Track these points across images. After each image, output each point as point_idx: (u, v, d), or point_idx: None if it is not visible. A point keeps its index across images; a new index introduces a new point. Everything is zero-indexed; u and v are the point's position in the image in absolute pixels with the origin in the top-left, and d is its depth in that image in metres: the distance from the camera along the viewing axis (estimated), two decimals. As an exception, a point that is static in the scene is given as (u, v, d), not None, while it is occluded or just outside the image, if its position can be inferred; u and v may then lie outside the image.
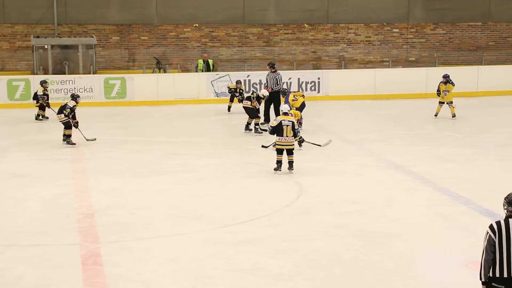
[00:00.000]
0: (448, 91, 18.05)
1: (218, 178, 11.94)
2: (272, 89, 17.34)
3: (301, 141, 12.13)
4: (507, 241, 5.41)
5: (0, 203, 10.48)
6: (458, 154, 13.89)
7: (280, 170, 11.94)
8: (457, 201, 10.44)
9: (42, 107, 18.28)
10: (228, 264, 7.76)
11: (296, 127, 12.03)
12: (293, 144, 12.01)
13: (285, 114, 12.19)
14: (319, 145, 12.25)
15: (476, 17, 25.51)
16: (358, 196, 10.65)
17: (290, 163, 11.95)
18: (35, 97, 18.24)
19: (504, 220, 5.50)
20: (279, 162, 11.96)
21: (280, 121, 11.96)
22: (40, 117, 18.30)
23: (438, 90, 18.29)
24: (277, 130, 11.95)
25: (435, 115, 18.37)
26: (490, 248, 5.46)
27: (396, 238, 8.64)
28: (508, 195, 5.59)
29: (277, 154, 12.02)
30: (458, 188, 11.12)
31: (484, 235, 5.53)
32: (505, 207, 5.57)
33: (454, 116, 18.17)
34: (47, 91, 18.24)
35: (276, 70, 17.62)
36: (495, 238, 5.44)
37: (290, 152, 11.96)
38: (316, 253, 8.11)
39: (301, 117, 15.50)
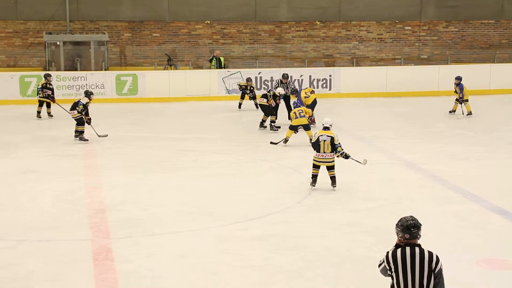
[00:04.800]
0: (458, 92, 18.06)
1: (229, 175, 11.95)
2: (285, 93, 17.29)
3: (345, 157, 11.08)
4: (404, 274, 4.93)
5: (12, 198, 10.53)
6: (469, 152, 13.83)
7: (313, 186, 10.80)
8: (469, 199, 10.41)
9: (42, 103, 17.99)
10: (239, 261, 7.78)
11: (336, 142, 10.70)
12: (332, 161, 10.72)
13: (326, 128, 10.82)
14: (361, 163, 11.47)
15: (489, 15, 25.35)
16: (370, 194, 10.64)
17: (332, 178, 10.81)
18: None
19: (401, 249, 4.97)
20: (314, 177, 10.81)
21: (318, 136, 10.82)
22: (51, 114, 18.17)
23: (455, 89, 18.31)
24: (315, 145, 10.75)
25: (450, 112, 18.29)
26: (386, 273, 5.06)
27: (407, 236, 8.61)
28: (400, 219, 5.02)
29: (312, 167, 10.83)
30: (470, 185, 11.09)
31: (380, 260, 5.11)
32: (399, 235, 5.01)
33: (469, 114, 18.09)
34: (51, 84, 18.08)
35: (288, 81, 17.55)
36: (391, 270, 4.99)
37: (329, 168, 10.80)
38: (327, 250, 8.11)
39: (312, 114, 15.46)
